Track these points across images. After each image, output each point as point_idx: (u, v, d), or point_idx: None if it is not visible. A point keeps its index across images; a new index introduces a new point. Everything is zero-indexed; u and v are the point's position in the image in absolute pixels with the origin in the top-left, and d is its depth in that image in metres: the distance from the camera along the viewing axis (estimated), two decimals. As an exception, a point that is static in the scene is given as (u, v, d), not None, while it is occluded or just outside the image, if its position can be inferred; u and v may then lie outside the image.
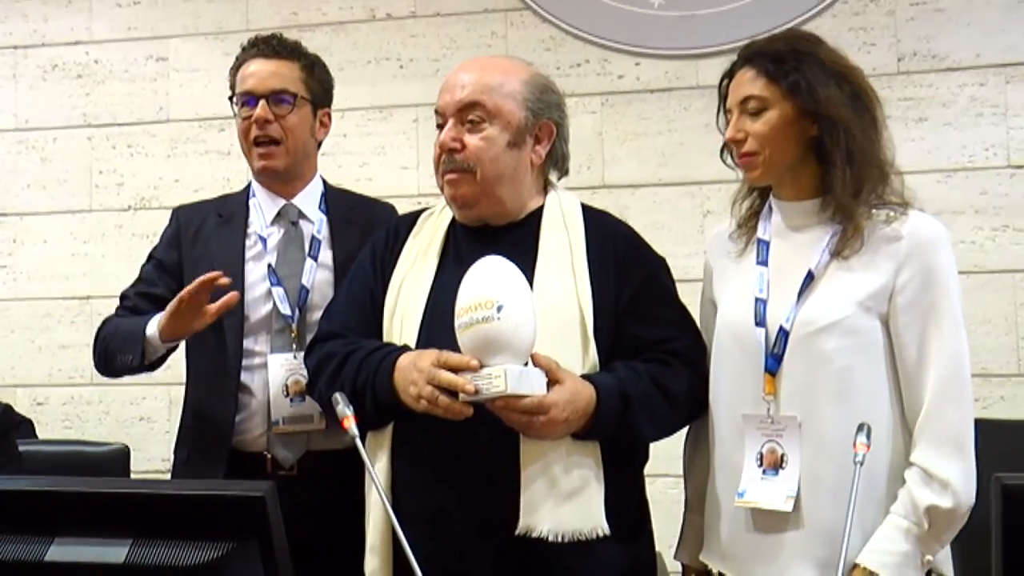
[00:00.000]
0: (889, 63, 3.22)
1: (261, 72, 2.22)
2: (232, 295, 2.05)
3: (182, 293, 2.02)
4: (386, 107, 3.51)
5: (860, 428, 1.62)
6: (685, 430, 2.01)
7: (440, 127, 1.93)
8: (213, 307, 2.04)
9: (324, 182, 2.37)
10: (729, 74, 1.83)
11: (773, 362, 1.77)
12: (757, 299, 1.81)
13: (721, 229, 1.98)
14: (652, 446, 1.99)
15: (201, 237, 2.26)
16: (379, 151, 3.54)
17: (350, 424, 1.67)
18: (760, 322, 1.79)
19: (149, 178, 3.67)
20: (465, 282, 1.77)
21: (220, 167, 3.62)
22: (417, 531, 1.62)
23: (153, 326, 2.10)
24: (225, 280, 2.04)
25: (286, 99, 2.22)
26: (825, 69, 1.75)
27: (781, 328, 1.77)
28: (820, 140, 1.76)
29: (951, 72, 3.20)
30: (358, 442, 1.65)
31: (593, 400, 1.79)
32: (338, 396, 1.72)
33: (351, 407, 1.69)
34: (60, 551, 1.22)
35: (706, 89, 2.80)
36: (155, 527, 1.21)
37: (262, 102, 2.21)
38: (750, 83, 1.76)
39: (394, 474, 1.82)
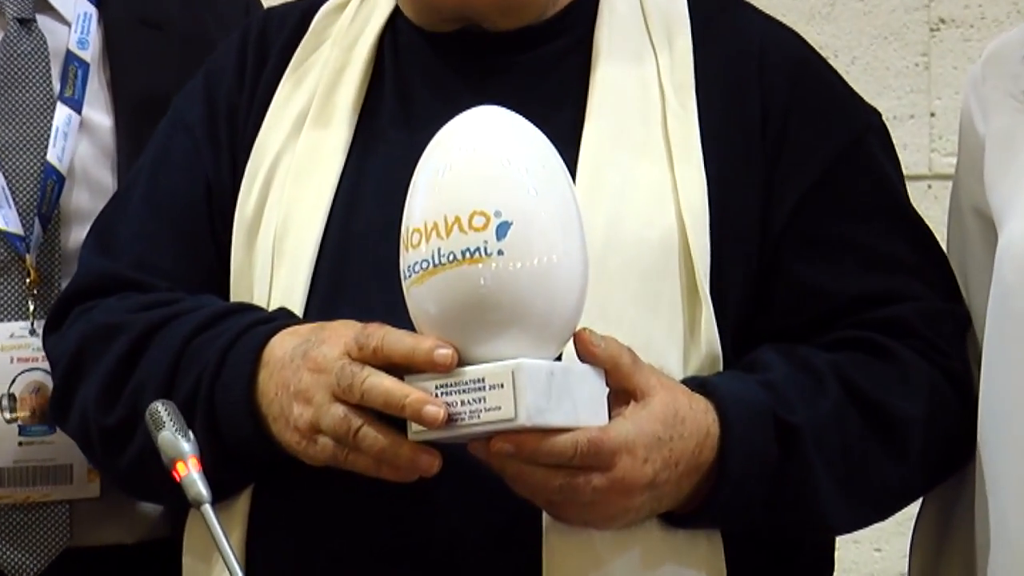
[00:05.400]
0: None
1: None
2: None
3: None
4: None
5: None
6: (915, 506, 1.94)
7: None
8: None
9: None
10: None
11: None
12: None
13: (1008, 41, 1.92)
14: (842, 543, 1.94)
15: None
16: None
17: (188, 472, 1.62)
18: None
19: None
20: (422, 167, 1.67)
21: None
22: None
23: None
24: None
25: None
26: None
27: None
28: None
29: None
30: (208, 512, 1.58)
31: (715, 436, 1.70)
32: (160, 408, 1.66)
33: (190, 435, 1.64)
34: None
35: None
36: None
37: None
38: None
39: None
